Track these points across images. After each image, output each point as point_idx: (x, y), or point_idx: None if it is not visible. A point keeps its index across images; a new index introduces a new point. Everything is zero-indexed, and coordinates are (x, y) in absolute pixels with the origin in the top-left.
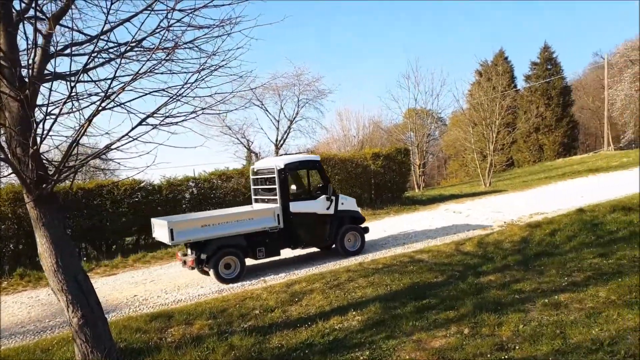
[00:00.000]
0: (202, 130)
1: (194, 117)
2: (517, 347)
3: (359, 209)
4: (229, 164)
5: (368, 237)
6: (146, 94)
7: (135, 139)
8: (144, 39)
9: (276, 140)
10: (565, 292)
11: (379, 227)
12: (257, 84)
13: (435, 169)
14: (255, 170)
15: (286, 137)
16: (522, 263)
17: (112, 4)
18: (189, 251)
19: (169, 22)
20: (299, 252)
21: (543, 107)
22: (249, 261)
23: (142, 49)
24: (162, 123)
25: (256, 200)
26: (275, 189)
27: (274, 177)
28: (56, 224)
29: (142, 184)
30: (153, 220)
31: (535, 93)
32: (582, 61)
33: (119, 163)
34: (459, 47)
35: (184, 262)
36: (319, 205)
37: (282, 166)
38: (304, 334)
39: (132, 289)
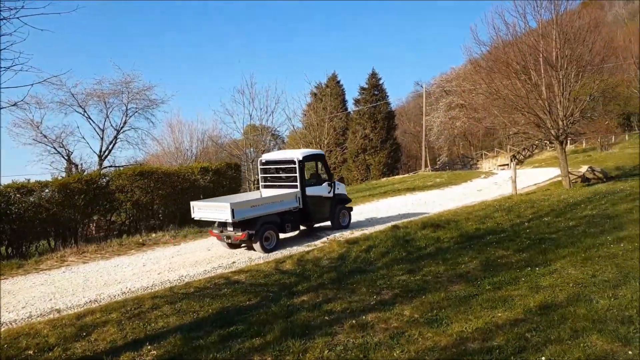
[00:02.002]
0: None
1: None
2: None
3: (346, 192)
4: (44, 176)
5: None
6: None
7: None
8: None
9: (100, 151)
10: (373, 311)
11: (202, 245)
12: (80, 89)
13: None
14: (264, 161)
15: (112, 147)
16: (337, 281)
17: None
18: (231, 229)
19: None
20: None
21: (370, 129)
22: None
23: None
24: None
25: (265, 187)
26: (292, 176)
27: (292, 167)
28: None
29: None
30: (194, 203)
31: (363, 116)
32: (406, 89)
33: None
34: (294, 68)
35: (227, 237)
36: (323, 190)
37: (301, 158)
38: None
39: None
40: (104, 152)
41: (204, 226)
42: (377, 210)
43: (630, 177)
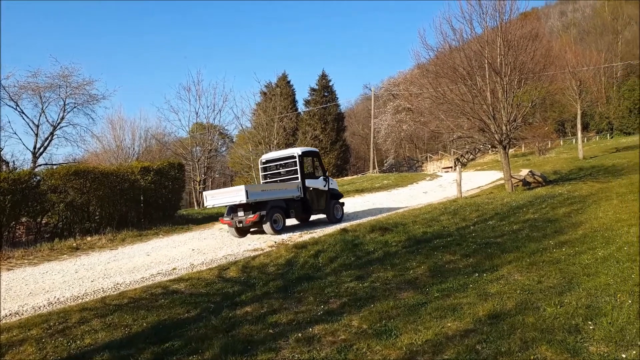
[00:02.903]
0: None
1: None
2: None
3: (338, 188)
4: None
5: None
6: None
7: None
8: None
9: (34, 148)
10: (320, 322)
11: (142, 250)
12: (12, 82)
13: (222, 186)
14: (264, 160)
15: (48, 144)
16: (283, 289)
17: None
18: (241, 213)
19: None
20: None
21: (320, 130)
22: None
23: None
24: None
25: (265, 184)
26: (292, 170)
27: (292, 162)
28: None
29: None
30: (206, 192)
31: (313, 117)
32: (355, 92)
33: None
34: (243, 66)
35: (239, 222)
36: (319, 183)
37: (301, 153)
38: None
39: None
40: (39, 149)
41: (143, 229)
42: None
43: (566, 181)
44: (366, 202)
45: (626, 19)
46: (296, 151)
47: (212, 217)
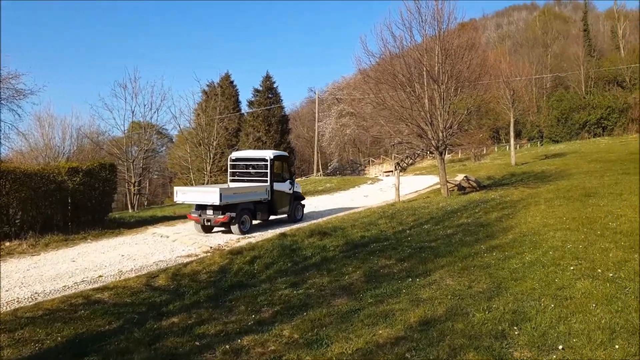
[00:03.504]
0: None
1: None
2: None
3: (301, 191)
4: None
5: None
6: None
7: None
8: None
9: None
10: (250, 333)
11: (67, 255)
12: None
13: (160, 187)
14: (234, 158)
15: None
16: (214, 298)
17: None
18: (210, 212)
19: None
20: None
21: (263, 132)
22: None
23: None
24: None
25: (233, 181)
26: (262, 172)
27: (264, 164)
28: None
29: None
30: (178, 188)
31: (257, 119)
32: (300, 94)
33: None
34: (183, 66)
35: (207, 220)
36: (286, 186)
37: (272, 157)
38: None
39: None
40: None
41: (70, 233)
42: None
43: (499, 186)
44: (308, 206)
45: (555, 33)
46: (268, 154)
47: (145, 221)
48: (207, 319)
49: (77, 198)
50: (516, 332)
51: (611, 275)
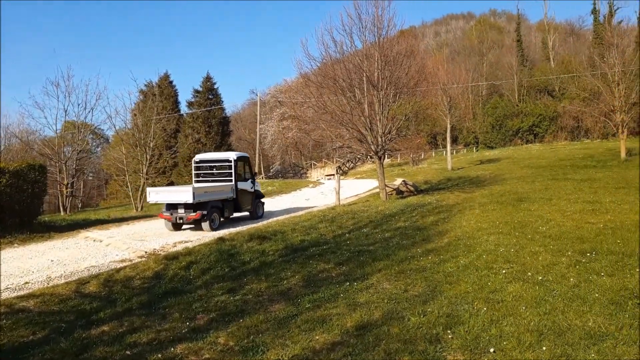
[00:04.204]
0: None
1: None
2: None
3: (261, 190)
4: None
5: None
6: None
7: None
8: None
9: None
10: (184, 341)
11: None
12: None
13: (95, 189)
14: (198, 160)
15: None
16: (147, 305)
17: None
18: (182, 211)
19: None
20: None
21: (204, 133)
22: None
23: None
24: None
25: (197, 182)
26: (226, 172)
27: (228, 165)
28: None
29: None
30: (150, 188)
31: (197, 120)
32: (242, 96)
33: None
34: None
35: (179, 218)
36: (247, 185)
37: (236, 158)
38: None
39: None
40: None
41: None
42: None
43: (436, 190)
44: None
45: (490, 43)
46: (232, 156)
47: (78, 225)
48: (139, 326)
49: (3, 200)
50: (450, 336)
51: (540, 278)
